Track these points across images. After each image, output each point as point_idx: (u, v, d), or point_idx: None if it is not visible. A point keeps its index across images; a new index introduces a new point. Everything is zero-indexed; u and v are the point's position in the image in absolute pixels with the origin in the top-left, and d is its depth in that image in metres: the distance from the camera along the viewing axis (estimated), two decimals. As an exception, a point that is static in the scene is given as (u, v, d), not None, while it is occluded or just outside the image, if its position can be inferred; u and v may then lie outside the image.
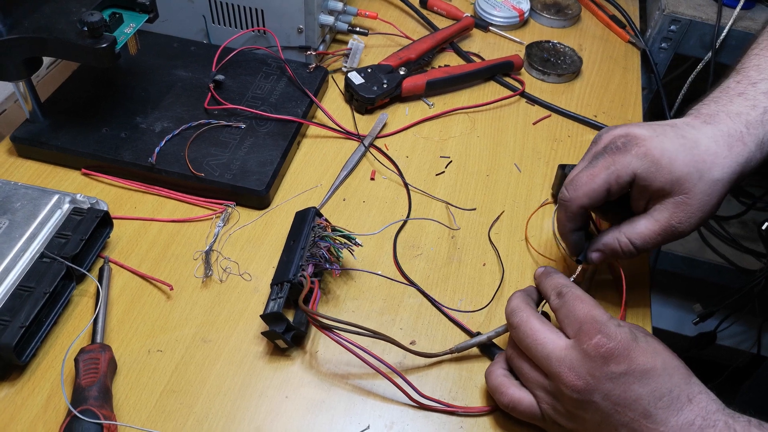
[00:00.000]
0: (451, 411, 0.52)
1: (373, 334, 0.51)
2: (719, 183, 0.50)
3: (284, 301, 0.54)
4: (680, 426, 0.42)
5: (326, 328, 0.51)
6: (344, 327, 0.50)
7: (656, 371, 0.44)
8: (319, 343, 0.56)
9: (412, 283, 0.61)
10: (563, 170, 0.68)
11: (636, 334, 0.46)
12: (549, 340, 0.47)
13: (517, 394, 0.49)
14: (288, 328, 0.53)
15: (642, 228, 0.52)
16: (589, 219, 0.56)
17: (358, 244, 0.58)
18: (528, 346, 0.48)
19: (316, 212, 0.60)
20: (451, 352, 0.55)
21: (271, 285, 0.56)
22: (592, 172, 0.52)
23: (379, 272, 0.61)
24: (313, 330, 0.57)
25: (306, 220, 0.59)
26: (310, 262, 0.56)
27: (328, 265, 0.56)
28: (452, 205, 0.68)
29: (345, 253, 0.58)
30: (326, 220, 0.59)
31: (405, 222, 0.66)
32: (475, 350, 0.56)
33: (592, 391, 0.44)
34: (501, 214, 0.68)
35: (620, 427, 0.44)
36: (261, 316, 0.53)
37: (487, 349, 0.56)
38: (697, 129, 0.51)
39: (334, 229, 0.58)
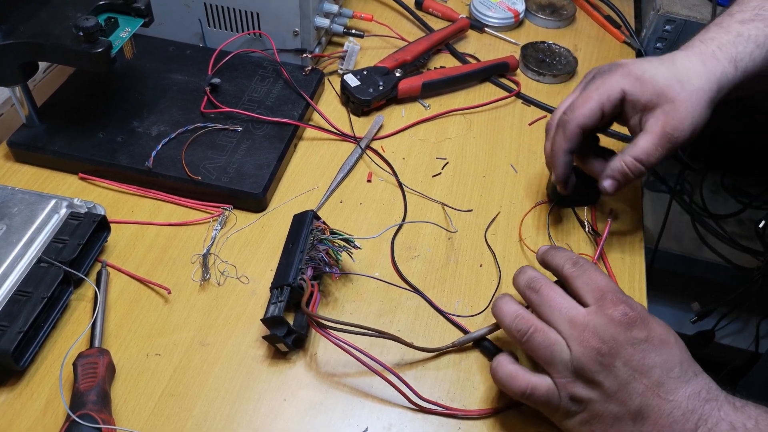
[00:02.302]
0: (450, 414, 0.52)
1: (379, 333, 0.51)
2: (701, 91, 0.56)
3: (285, 304, 0.54)
4: (688, 396, 0.45)
5: (328, 331, 0.51)
6: (347, 329, 0.50)
7: (670, 343, 0.46)
8: (318, 345, 0.56)
9: (411, 287, 0.61)
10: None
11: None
12: (572, 305, 0.48)
13: (534, 379, 0.48)
14: (289, 331, 0.53)
15: (642, 143, 0.57)
16: (581, 144, 0.60)
17: (357, 247, 0.58)
18: (551, 310, 0.48)
19: (314, 215, 0.60)
20: (454, 345, 0.55)
21: (271, 288, 0.56)
22: (585, 95, 0.59)
23: (377, 275, 0.61)
24: (312, 332, 0.57)
25: (304, 223, 0.59)
26: (309, 266, 0.56)
27: (327, 269, 0.56)
28: (449, 207, 0.69)
29: (343, 255, 0.58)
30: (324, 222, 0.59)
31: (402, 224, 0.66)
32: (473, 352, 0.57)
33: (614, 356, 0.45)
34: (497, 215, 0.68)
35: (635, 396, 0.45)
36: (262, 320, 0.53)
37: (485, 347, 0.56)
38: (673, 54, 0.59)
39: (332, 232, 0.58)
